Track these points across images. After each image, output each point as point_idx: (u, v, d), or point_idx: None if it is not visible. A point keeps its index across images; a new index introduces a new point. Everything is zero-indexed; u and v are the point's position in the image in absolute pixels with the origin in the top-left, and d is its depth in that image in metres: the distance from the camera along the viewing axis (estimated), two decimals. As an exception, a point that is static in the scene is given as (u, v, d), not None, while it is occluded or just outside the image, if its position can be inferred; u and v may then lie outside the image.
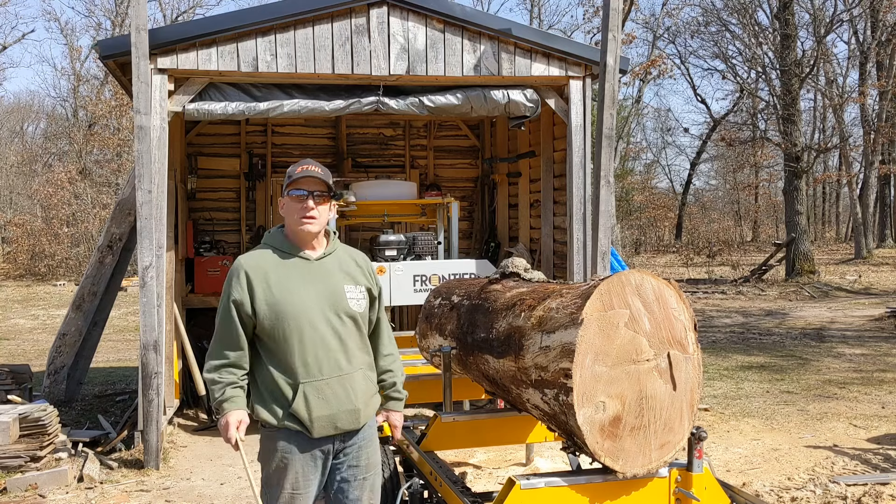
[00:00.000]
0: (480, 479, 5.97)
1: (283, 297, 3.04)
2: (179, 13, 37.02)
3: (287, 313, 3.02)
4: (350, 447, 3.16)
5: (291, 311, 3.03)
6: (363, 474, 3.19)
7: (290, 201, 3.10)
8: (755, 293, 20.04)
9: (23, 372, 7.98)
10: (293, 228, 3.13)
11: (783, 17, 23.63)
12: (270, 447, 3.09)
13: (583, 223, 7.27)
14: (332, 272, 3.16)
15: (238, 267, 3.09)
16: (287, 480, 3.06)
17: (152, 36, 6.39)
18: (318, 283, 3.11)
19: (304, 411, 3.02)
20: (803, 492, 5.53)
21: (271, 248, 3.15)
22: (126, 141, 26.49)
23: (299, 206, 3.08)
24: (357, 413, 3.12)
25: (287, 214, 3.13)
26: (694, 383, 3.36)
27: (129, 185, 8.16)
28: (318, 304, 3.07)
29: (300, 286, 3.07)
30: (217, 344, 3.09)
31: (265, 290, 3.04)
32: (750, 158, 37.85)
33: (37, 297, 21.11)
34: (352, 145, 10.58)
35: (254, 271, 3.06)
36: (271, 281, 3.06)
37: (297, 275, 3.09)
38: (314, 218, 3.09)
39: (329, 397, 3.05)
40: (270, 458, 3.09)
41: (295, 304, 3.04)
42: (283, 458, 3.06)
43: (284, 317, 3.02)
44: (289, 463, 3.05)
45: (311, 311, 3.05)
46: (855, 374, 9.90)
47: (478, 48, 7.06)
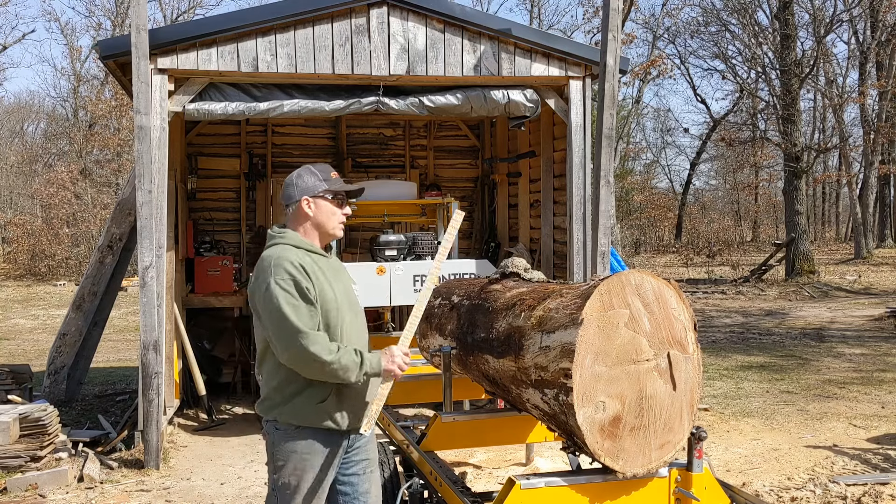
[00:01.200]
0: (480, 479, 5.97)
1: (325, 290, 3.06)
2: (179, 13, 37.04)
3: (331, 308, 3.06)
4: (360, 441, 3.20)
5: (334, 305, 3.07)
6: (371, 467, 3.25)
7: (329, 204, 3.15)
8: (755, 293, 20.04)
9: (23, 372, 7.98)
10: (326, 229, 3.18)
11: (783, 17, 23.63)
12: (290, 448, 3.05)
13: (583, 223, 7.27)
14: (342, 271, 3.25)
15: (287, 261, 3.00)
16: (305, 482, 3.05)
17: (152, 36, 6.39)
18: (340, 279, 3.18)
19: (336, 406, 3.05)
20: (803, 492, 5.53)
21: (294, 246, 3.11)
22: (126, 141, 26.50)
23: (339, 210, 3.17)
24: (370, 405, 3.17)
25: (324, 216, 3.15)
26: (694, 383, 3.36)
27: (129, 185, 8.16)
28: (346, 298, 3.15)
29: (331, 281, 3.12)
30: (309, 328, 2.94)
31: (315, 283, 3.04)
32: (750, 158, 37.84)
33: (37, 297, 21.11)
34: (352, 145, 10.58)
35: (303, 263, 3.04)
36: (316, 275, 3.06)
37: (326, 271, 3.13)
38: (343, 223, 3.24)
39: (358, 391, 3.11)
40: (288, 460, 3.06)
41: (334, 298, 3.08)
42: (303, 458, 3.05)
43: (329, 310, 3.05)
44: (309, 464, 3.05)
45: (343, 306, 3.11)
46: (855, 373, 9.90)
47: (478, 48, 7.06)
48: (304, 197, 3.15)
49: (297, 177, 3.20)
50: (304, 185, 3.16)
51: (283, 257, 3.03)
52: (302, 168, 3.24)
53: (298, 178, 3.19)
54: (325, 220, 3.16)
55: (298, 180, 3.18)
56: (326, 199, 3.15)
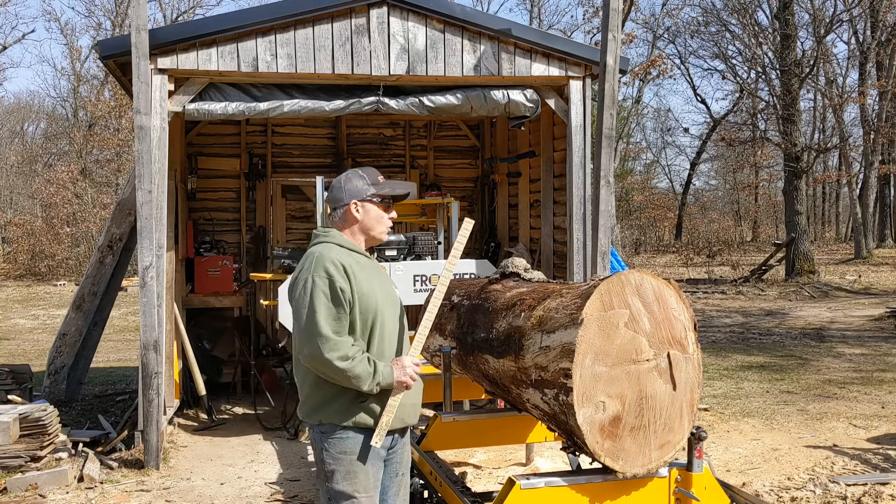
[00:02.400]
0: (480, 479, 5.97)
1: (368, 289, 3.07)
2: (179, 13, 37.04)
3: (371, 308, 3.07)
4: (399, 444, 3.21)
5: (376, 304, 3.08)
6: (402, 470, 3.25)
7: (377, 208, 3.19)
8: (755, 293, 20.04)
9: (23, 372, 7.99)
10: (374, 232, 3.20)
11: (783, 17, 23.63)
12: (335, 451, 3.02)
13: (583, 223, 7.27)
14: (383, 271, 3.28)
15: (332, 259, 3.02)
16: (359, 483, 3.02)
17: (152, 36, 6.39)
18: (381, 279, 3.20)
19: (378, 403, 3.03)
20: (803, 492, 5.53)
21: (339, 246, 3.13)
22: (126, 141, 26.49)
23: (386, 214, 3.21)
24: (417, 407, 3.21)
25: (373, 219, 3.18)
26: (694, 383, 3.36)
27: (129, 185, 8.16)
28: (388, 299, 3.16)
29: (375, 282, 3.13)
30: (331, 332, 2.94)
31: (357, 283, 3.04)
32: (750, 158, 37.85)
33: (37, 297, 21.11)
34: (352, 145, 10.58)
35: (346, 263, 3.05)
36: (357, 275, 3.07)
37: (369, 272, 3.14)
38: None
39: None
40: (338, 464, 3.01)
41: (376, 298, 3.09)
42: (352, 460, 3.01)
43: (373, 310, 3.06)
44: (359, 465, 3.02)
45: (385, 306, 3.13)
46: (855, 374, 9.90)
47: (478, 48, 7.06)
48: (353, 200, 3.17)
49: (346, 180, 3.20)
50: (353, 189, 3.17)
51: (325, 255, 3.05)
52: (350, 171, 3.27)
53: (347, 182, 3.20)
54: (372, 225, 3.19)
55: (347, 184, 3.19)
56: (374, 202, 3.18)
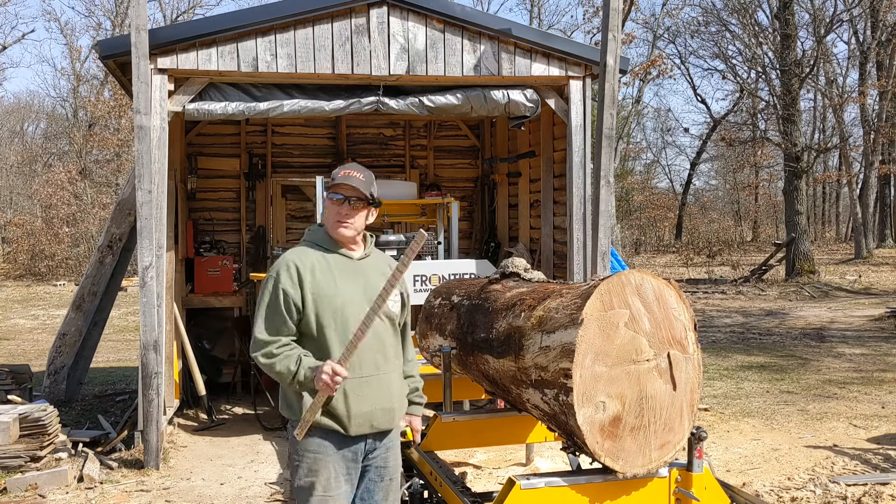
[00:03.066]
0: (480, 479, 5.97)
1: (328, 290, 3.05)
2: (179, 13, 37.04)
3: (332, 306, 3.03)
4: (381, 448, 3.16)
5: (337, 305, 3.04)
6: (389, 475, 3.20)
7: (330, 204, 3.15)
8: (755, 293, 20.04)
9: (23, 372, 7.98)
10: (332, 230, 3.17)
11: (783, 17, 23.63)
12: (302, 447, 3.05)
13: (583, 223, 7.27)
14: (372, 272, 3.18)
15: (286, 260, 3.09)
16: (319, 482, 3.03)
17: (152, 36, 6.39)
18: (360, 280, 3.13)
19: (343, 408, 3.01)
20: (803, 492, 5.53)
21: (315, 245, 3.16)
22: (126, 141, 26.49)
23: (336, 209, 3.13)
24: (392, 412, 3.14)
25: (327, 215, 3.17)
26: (694, 383, 3.36)
27: (129, 185, 8.16)
28: (361, 301, 3.08)
29: (344, 281, 3.09)
30: (262, 331, 3.03)
31: (312, 283, 3.04)
32: (750, 158, 37.88)
33: (37, 297, 21.11)
34: (352, 145, 10.58)
35: (302, 264, 3.07)
36: (317, 274, 3.06)
37: (341, 271, 3.11)
38: (349, 223, 3.13)
39: (367, 395, 3.05)
40: (302, 460, 3.05)
41: (339, 298, 3.05)
42: (315, 458, 3.03)
43: (329, 310, 3.03)
44: (322, 464, 3.03)
45: (353, 307, 3.06)
46: (855, 374, 9.90)
47: (478, 48, 7.06)
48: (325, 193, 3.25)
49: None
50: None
51: (284, 257, 3.11)
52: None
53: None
54: (328, 221, 3.18)
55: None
56: (328, 199, 3.16)
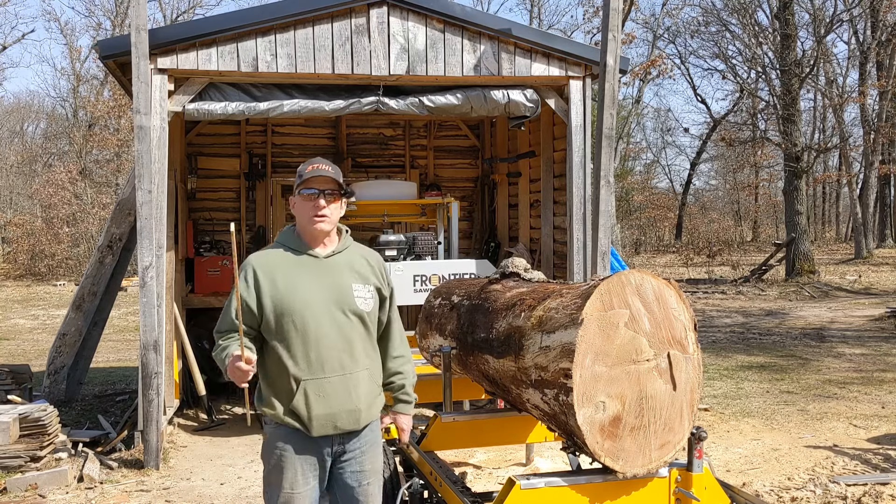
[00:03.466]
0: (480, 479, 5.97)
1: (289, 293, 3.04)
2: (179, 13, 37.05)
3: (291, 309, 3.02)
4: (353, 450, 3.12)
5: (296, 308, 3.02)
6: (367, 479, 3.15)
7: (302, 200, 3.11)
8: (755, 293, 20.04)
9: (23, 372, 7.98)
10: (306, 227, 3.13)
11: (783, 17, 23.63)
12: (270, 444, 3.09)
13: (583, 223, 7.27)
14: (340, 270, 3.15)
15: (247, 264, 3.12)
16: (285, 479, 3.04)
17: (152, 36, 6.39)
18: (325, 279, 3.10)
19: (304, 409, 3.01)
20: (803, 492, 5.53)
21: (283, 246, 3.16)
22: (126, 141, 26.50)
23: (311, 204, 3.09)
24: (358, 413, 3.09)
25: (299, 213, 3.14)
26: (694, 383, 3.36)
27: (129, 185, 8.16)
28: (324, 301, 3.06)
29: (307, 283, 3.07)
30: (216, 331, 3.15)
31: (271, 287, 3.05)
32: (750, 158, 37.86)
33: (37, 297, 21.11)
34: (352, 145, 10.58)
35: (262, 268, 3.08)
36: (278, 278, 3.06)
37: (305, 272, 3.09)
38: (326, 217, 3.10)
39: (330, 396, 3.03)
40: (270, 456, 3.09)
41: (300, 301, 3.03)
42: (282, 455, 3.05)
43: (289, 313, 3.02)
44: (287, 461, 3.04)
45: (316, 308, 3.04)
46: (855, 374, 9.90)
47: (478, 48, 7.06)
48: (291, 197, 3.19)
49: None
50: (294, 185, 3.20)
51: (248, 260, 3.15)
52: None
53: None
54: (300, 218, 3.15)
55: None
56: (298, 195, 3.13)
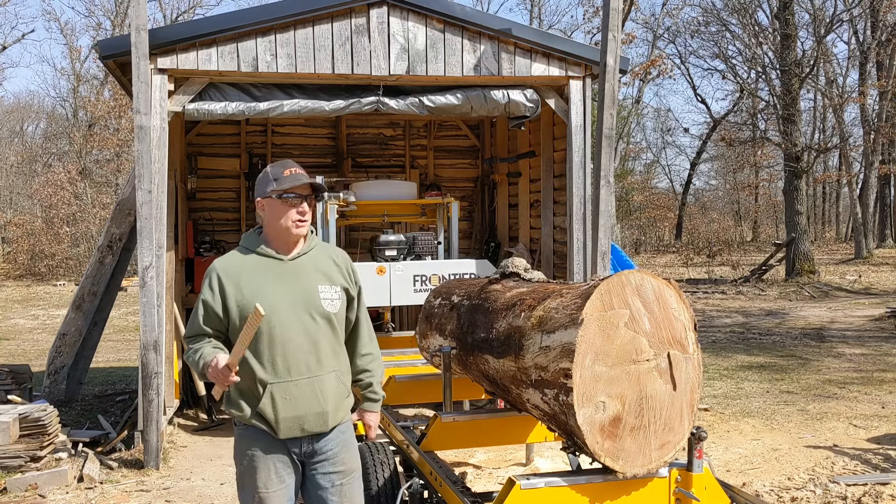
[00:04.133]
0: (480, 479, 5.97)
1: (253, 297, 3.00)
2: (179, 13, 37.06)
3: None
4: (324, 452, 3.11)
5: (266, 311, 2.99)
6: (340, 480, 3.14)
7: (280, 204, 3.06)
8: (755, 293, 20.04)
9: (23, 372, 7.98)
10: (281, 231, 3.09)
11: (783, 17, 23.63)
12: (242, 446, 3.10)
13: (583, 223, 7.27)
14: (306, 271, 3.12)
15: (211, 270, 3.10)
16: (258, 480, 3.06)
17: (152, 36, 6.39)
18: (290, 282, 3.08)
19: (271, 412, 3.01)
20: (803, 492, 5.53)
21: (246, 250, 3.14)
22: (126, 141, 26.50)
23: (292, 210, 3.06)
24: (325, 416, 3.07)
25: (274, 217, 3.08)
26: (694, 383, 3.36)
27: (129, 185, 8.16)
28: (290, 303, 3.05)
29: (272, 286, 3.05)
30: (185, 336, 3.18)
31: (236, 291, 3.04)
32: (750, 158, 37.86)
33: (37, 297, 21.11)
34: (352, 145, 10.58)
35: (225, 273, 3.06)
36: (242, 282, 3.05)
37: (270, 275, 3.08)
38: (306, 221, 3.10)
39: (297, 399, 3.02)
40: (242, 458, 3.10)
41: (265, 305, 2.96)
42: (253, 456, 3.06)
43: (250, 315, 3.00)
44: (258, 463, 3.05)
45: (281, 312, 3.02)
46: (855, 374, 9.90)
47: (478, 48, 7.06)
48: (258, 199, 3.13)
49: (260, 175, 3.17)
50: (259, 187, 3.13)
51: (211, 266, 3.13)
52: (268, 165, 3.22)
53: (258, 179, 3.16)
54: (275, 222, 3.09)
55: (257, 181, 3.15)
56: (274, 199, 3.07)
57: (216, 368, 2.91)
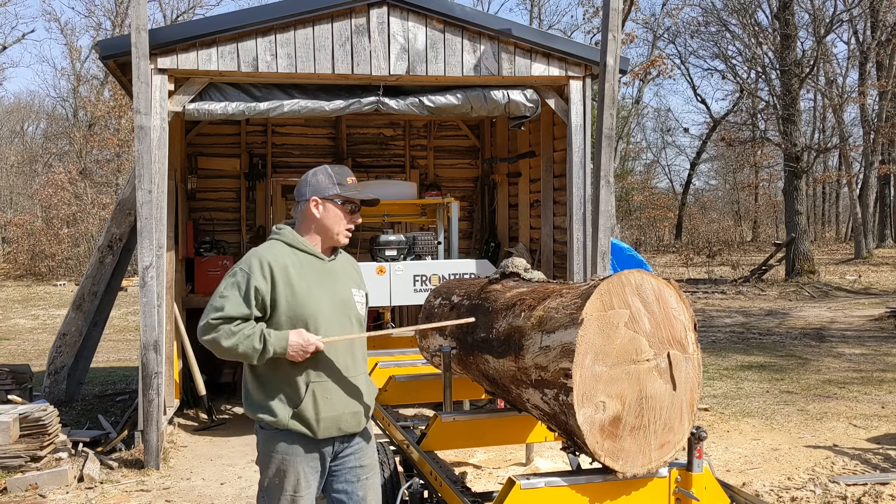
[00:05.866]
0: (480, 479, 5.97)
1: (303, 294, 3.01)
2: (179, 13, 37.08)
3: (305, 311, 3.00)
4: (351, 448, 3.15)
5: (309, 310, 3.01)
6: (366, 474, 3.18)
7: (338, 210, 3.10)
8: (755, 293, 20.04)
9: (23, 372, 7.97)
10: (328, 233, 3.11)
11: (783, 17, 23.63)
12: (270, 449, 3.05)
13: (583, 223, 7.27)
14: (341, 275, 3.17)
15: (259, 257, 3.01)
16: (288, 483, 3.04)
17: (152, 36, 6.39)
18: (331, 284, 3.11)
19: (312, 412, 3.00)
20: (803, 492, 5.53)
21: (287, 244, 3.10)
22: (126, 141, 26.50)
23: (348, 216, 3.12)
24: (360, 415, 3.13)
25: (326, 218, 3.10)
26: (694, 383, 3.36)
27: (129, 185, 8.16)
28: (332, 304, 3.07)
29: (316, 286, 3.06)
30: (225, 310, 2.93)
31: (286, 285, 3.00)
32: (750, 158, 37.87)
33: (37, 297, 21.11)
34: (352, 145, 10.58)
35: (276, 265, 3.00)
36: (292, 277, 3.02)
37: (313, 274, 3.08)
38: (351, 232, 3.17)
39: (336, 399, 3.05)
40: (270, 461, 3.06)
41: (313, 303, 3.01)
42: (284, 459, 3.03)
43: (302, 314, 3.00)
44: (290, 465, 3.03)
45: (326, 311, 3.04)
46: (855, 373, 9.90)
47: (478, 48, 7.06)
48: (314, 197, 3.11)
49: (313, 175, 3.15)
50: (317, 185, 3.11)
51: (258, 252, 3.05)
52: (320, 167, 3.19)
53: (313, 177, 3.14)
54: (330, 225, 3.11)
55: (313, 178, 3.13)
56: (336, 203, 3.10)
57: (308, 342, 2.91)
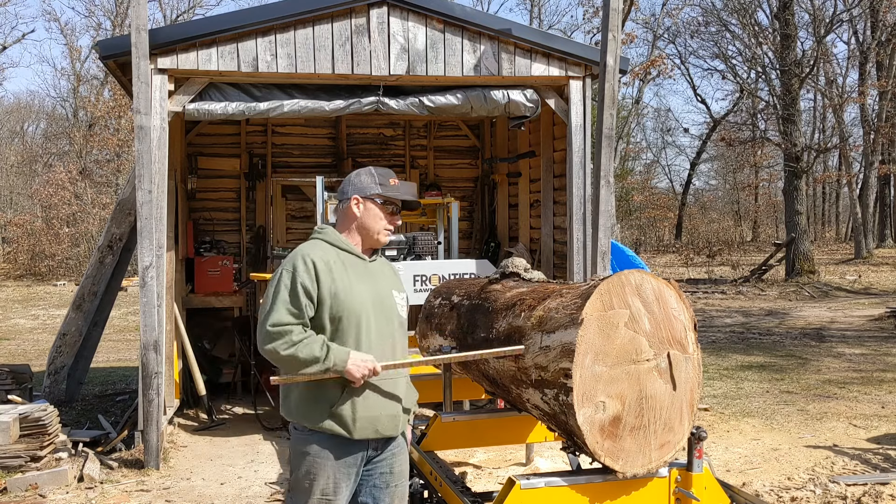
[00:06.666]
0: (480, 479, 5.97)
1: (346, 292, 3.00)
2: (179, 13, 37.07)
3: (349, 309, 2.99)
4: (384, 454, 3.12)
5: (353, 308, 3.00)
6: (395, 481, 3.16)
7: (378, 209, 3.11)
8: (755, 293, 20.05)
9: (23, 372, 7.97)
10: (368, 232, 3.12)
11: (783, 17, 23.63)
12: (302, 450, 3.03)
13: (583, 223, 7.27)
14: (383, 276, 3.17)
15: (304, 255, 3.00)
16: (317, 485, 3.00)
17: (152, 36, 6.39)
18: (372, 284, 3.10)
19: (349, 412, 2.97)
20: (803, 492, 5.53)
21: (329, 243, 3.10)
22: (126, 141, 26.50)
23: (388, 217, 3.12)
24: (398, 419, 3.10)
25: (367, 217, 3.11)
26: (694, 383, 3.36)
27: (129, 185, 8.16)
28: (374, 304, 3.06)
29: (359, 284, 3.05)
30: (284, 317, 2.91)
31: (331, 283, 2.98)
32: (750, 158, 37.89)
33: (37, 297, 21.11)
34: (352, 145, 10.58)
35: (321, 262, 2.99)
36: (336, 274, 3.01)
37: (356, 273, 3.07)
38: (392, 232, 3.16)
39: (374, 400, 3.02)
40: (302, 462, 3.03)
41: (356, 302, 3.00)
42: (315, 461, 3.00)
43: (346, 312, 2.99)
44: (321, 467, 3.00)
45: (368, 311, 3.03)
46: (855, 373, 9.90)
47: (478, 48, 7.06)
48: (355, 196, 3.12)
49: (356, 174, 3.16)
50: (359, 184, 3.12)
51: (302, 251, 3.03)
52: (363, 167, 3.21)
53: (356, 177, 3.15)
54: (370, 224, 3.11)
55: (356, 178, 3.15)
56: (376, 202, 3.10)
57: (367, 359, 2.93)
